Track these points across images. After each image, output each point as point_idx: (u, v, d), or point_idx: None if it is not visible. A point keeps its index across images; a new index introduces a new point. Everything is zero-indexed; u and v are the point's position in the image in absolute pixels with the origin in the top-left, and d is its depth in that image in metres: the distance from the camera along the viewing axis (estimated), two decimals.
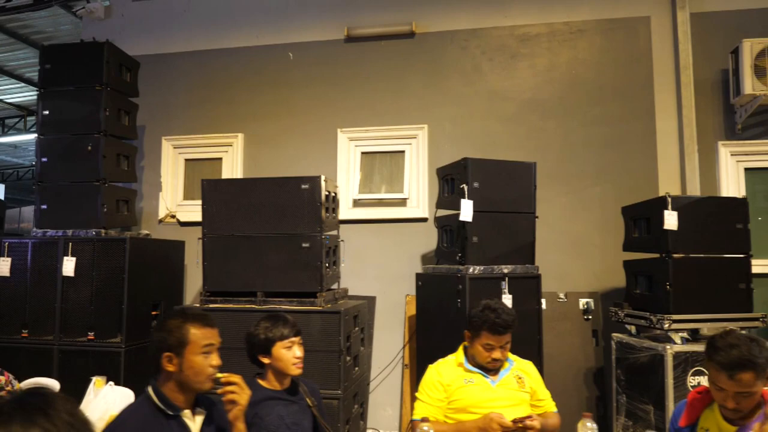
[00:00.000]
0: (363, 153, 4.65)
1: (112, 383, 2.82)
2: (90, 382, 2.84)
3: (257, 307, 3.46)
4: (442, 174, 3.80)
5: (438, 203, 3.86)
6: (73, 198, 4.02)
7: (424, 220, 4.44)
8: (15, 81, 7.93)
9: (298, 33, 4.81)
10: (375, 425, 4.28)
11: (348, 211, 4.55)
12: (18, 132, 10.63)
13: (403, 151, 4.58)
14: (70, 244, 3.87)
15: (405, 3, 4.67)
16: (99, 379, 2.79)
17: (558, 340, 4.09)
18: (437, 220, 3.91)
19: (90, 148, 4.00)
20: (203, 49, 4.96)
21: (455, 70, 4.58)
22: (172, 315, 1.85)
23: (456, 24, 4.60)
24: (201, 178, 3.99)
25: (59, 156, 4.07)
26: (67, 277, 3.84)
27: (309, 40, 4.79)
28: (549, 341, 4.06)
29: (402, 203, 4.53)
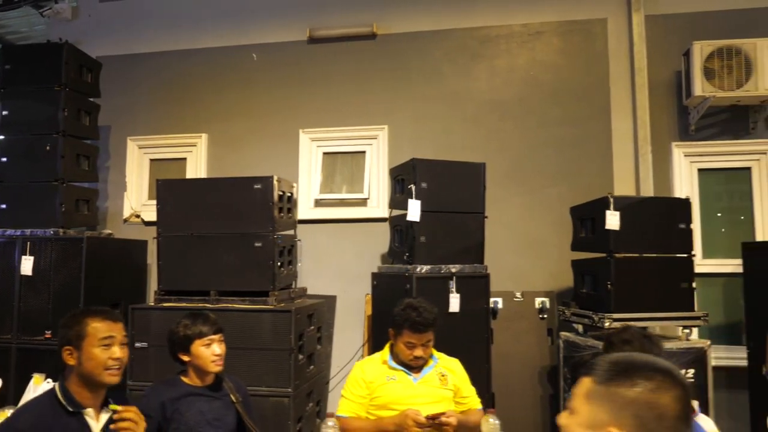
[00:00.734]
0: (325, 153, 4.69)
1: (50, 380, 2.86)
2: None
3: (211, 306, 3.47)
4: (394, 174, 3.84)
5: (390, 203, 3.90)
6: (32, 198, 4.05)
7: (384, 220, 4.46)
8: None
9: (261, 34, 4.84)
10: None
11: (309, 211, 4.58)
12: None
13: (364, 152, 4.61)
14: (28, 243, 3.89)
15: (367, 4, 4.70)
16: (38, 376, 2.85)
17: (514, 339, 4.13)
18: (390, 220, 3.95)
19: (48, 148, 4.03)
20: (168, 50, 4.98)
21: (416, 71, 4.61)
22: (74, 311, 1.89)
23: (417, 25, 4.63)
24: (166, 178, 4.02)
25: (19, 156, 4.10)
26: (26, 277, 3.87)
27: (272, 41, 4.82)
28: (505, 340, 4.10)
29: (363, 203, 4.56)
